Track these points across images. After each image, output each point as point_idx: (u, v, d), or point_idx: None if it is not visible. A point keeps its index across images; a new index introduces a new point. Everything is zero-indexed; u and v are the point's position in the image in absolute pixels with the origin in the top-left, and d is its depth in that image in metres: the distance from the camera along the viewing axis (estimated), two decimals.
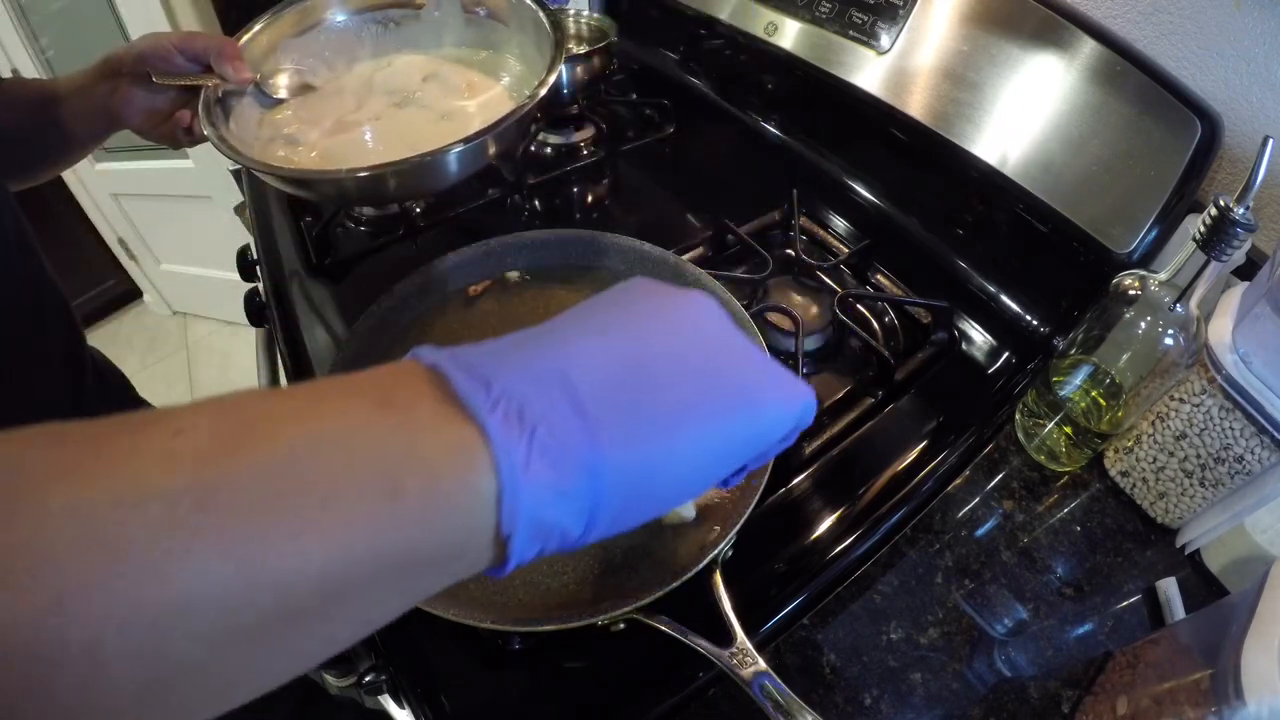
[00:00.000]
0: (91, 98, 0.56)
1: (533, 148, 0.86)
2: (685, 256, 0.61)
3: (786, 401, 0.25)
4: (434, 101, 0.60)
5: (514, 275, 0.62)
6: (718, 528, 0.45)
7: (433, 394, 0.19)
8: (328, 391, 0.19)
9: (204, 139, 0.52)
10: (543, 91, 0.51)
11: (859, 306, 0.66)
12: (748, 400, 0.24)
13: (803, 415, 0.27)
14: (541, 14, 0.59)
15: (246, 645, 0.16)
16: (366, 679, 0.49)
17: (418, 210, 0.77)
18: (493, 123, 0.49)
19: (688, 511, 0.45)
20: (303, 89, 0.61)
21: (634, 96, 0.96)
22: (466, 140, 0.48)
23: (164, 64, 0.53)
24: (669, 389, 0.22)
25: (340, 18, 0.65)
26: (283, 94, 0.60)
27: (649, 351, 0.23)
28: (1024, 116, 0.62)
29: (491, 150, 0.53)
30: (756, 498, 0.43)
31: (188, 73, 0.54)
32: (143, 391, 0.75)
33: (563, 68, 0.81)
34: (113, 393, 0.66)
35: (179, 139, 0.56)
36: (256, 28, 0.61)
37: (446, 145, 0.48)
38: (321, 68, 0.63)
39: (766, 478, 0.44)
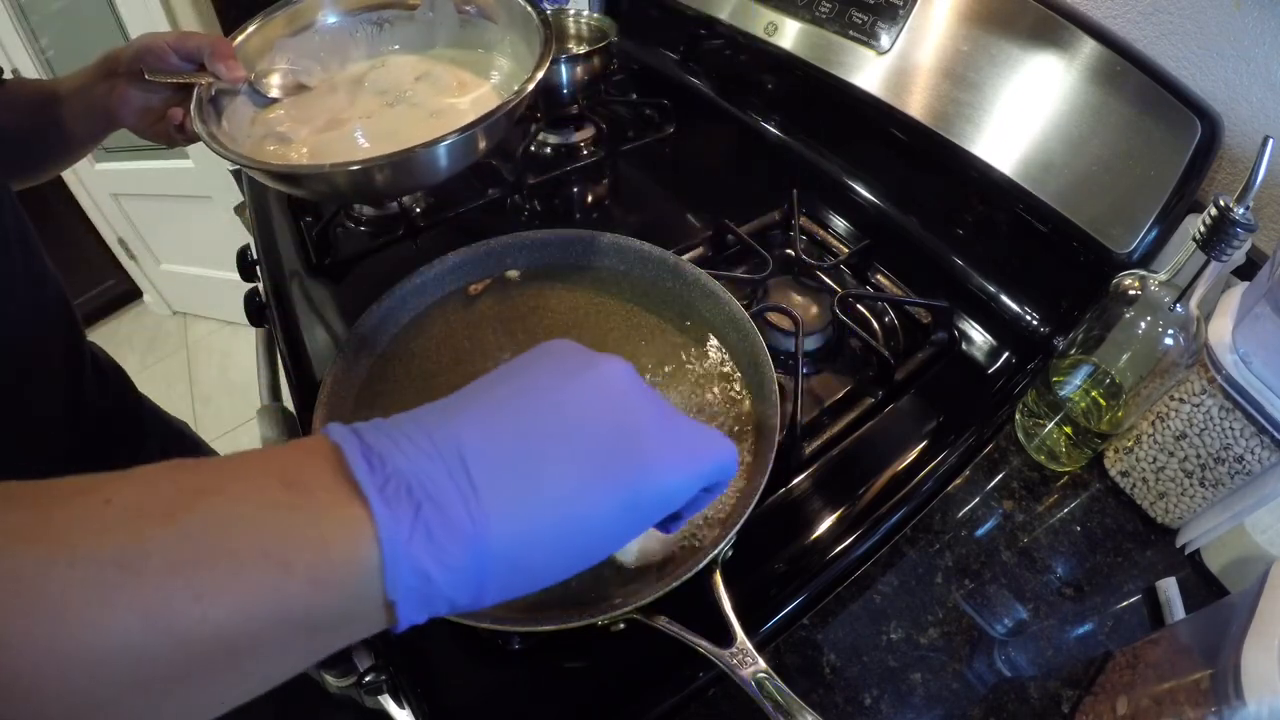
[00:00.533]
0: (90, 97, 0.56)
1: (533, 148, 0.86)
2: (685, 256, 0.61)
3: (691, 463, 0.27)
4: (425, 100, 0.60)
5: (514, 274, 0.62)
6: (718, 528, 0.45)
7: (332, 473, 0.21)
8: (244, 469, 0.21)
9: (196, 137, 0.52)
10: (530, 87, 0.52)
11: (859, 306, 0.66)
12: (645, 470, 0.25)
13: (719, 471, 0.28)
14: (530, 9, 0.59)
15: (156, 690, 0.18)
16: (366, 679, 0.49)
17: (418, 210, 0.77)
18: (479, 117, 0.49)
19: (626, 557, 0.44)
20: (296, 88, 0.61)
21: (634, 96, 0.96)
22: (452, 134, 0.48)
23: (159, 62, 0.54)
24: (562, 463, 0.23)
25: (334, 18, 0.65)
26: (275, 93, 0.60)
27: (547, 424, 0.24)
28: (1024, 116, 0.62)
29: (481, 144, 0.53)
30: (756, 498, 0.43)
31: (181, 71, 0.54)
32: (143, 391, 0.75)
33: (563, 67, 0.82)
34: (111, 388, 0.66)
35: (173, 137, 0.57)
36: (251, 28, 0.61)
37: (433, 139, 0.48)
38: (316, 67, 0.63)
39: (766, 478, 0.44)
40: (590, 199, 0.83)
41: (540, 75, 0.53)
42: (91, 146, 0.63)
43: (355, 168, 0.47)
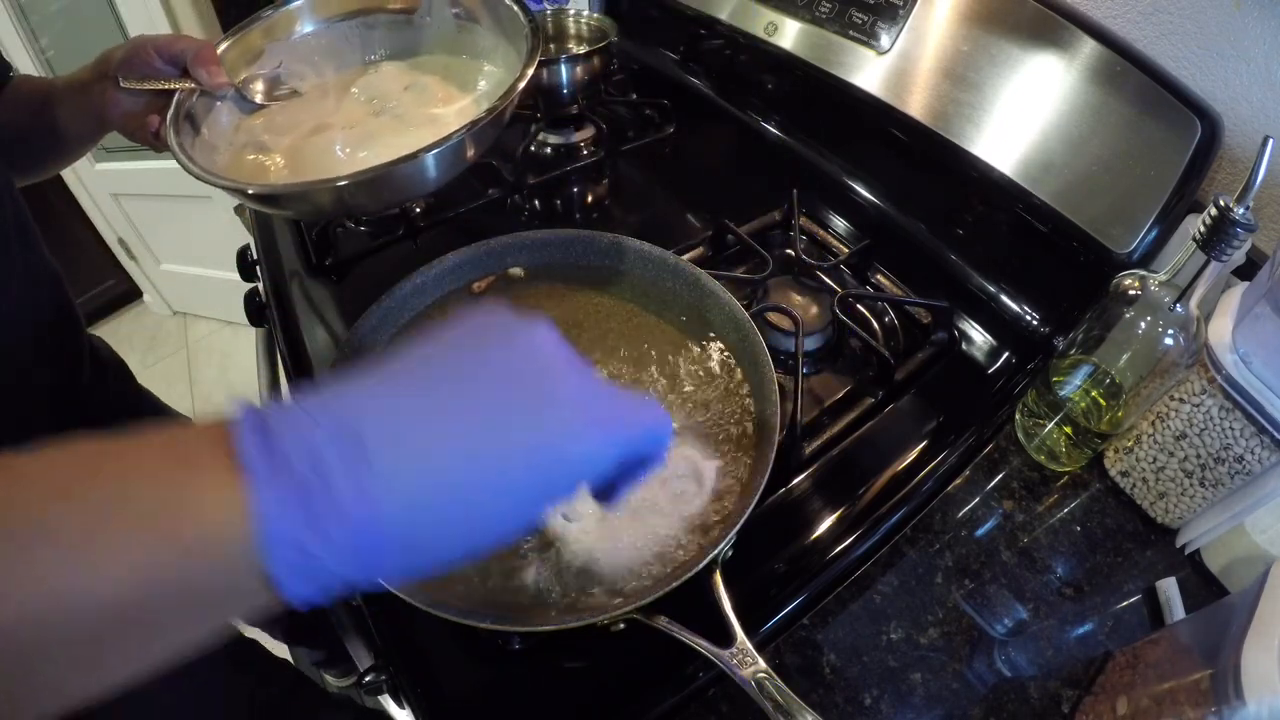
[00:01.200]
0: (85, 97, 0.56)
1: (533, 148, 0.86)
2: (685, 256, 0.61)
3: (601, 430, 0.26)
4: (410, 111, 0.59)
5: (518, 272, 0.62)
6: (718, 528, 0.45)
7: (224, 451, 0.21)
8: (144, 448, 0.22)
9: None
10: (505, 103, 0.50)
11: (859, 306, 0.66)
12: (543, 434, 0.24)
13: (648, 440, 0.28)
14: (519, 11, 0.58)
15: (56, 657, 0.19)
16: (366, 679, 0.49)
17: (418, 210, 0.77)
18: (447, 135, 0.48)
19: (556, 522, 0.44)
20: (285, 94, 0.60)
21: (634, 96, 0.96)
22: (423, 150, 0.47)
23: (143, 67, 0.53)
24: (457, 431, 0.23)
25: (327, 23, 0.64)
26: (261, 99, 0.59)
27: (450, 392, 0.24)
28: (1024, 116, 0.62)
29: (468, 153, 0.52)
30: (756, 498, 0.43)
31: (163, 76, 0.54)
32: None
33: (563, 67, 0.81)
34: (112, 380, 0.66)
35: (154, 143, 0.56)
36: (240, 31, 0.60)
37: (405, 155, 0.47)
38: (308, 72, 0.62)
39: (766, 478, 0.44)
40: (590, 199, 0.83)
41: (522, 85, 0.52)
42: (89, 146, 0.63)
43: (322, 187, 0.47)
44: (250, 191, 0.48)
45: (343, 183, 0.46)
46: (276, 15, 0.62)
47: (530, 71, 0.53)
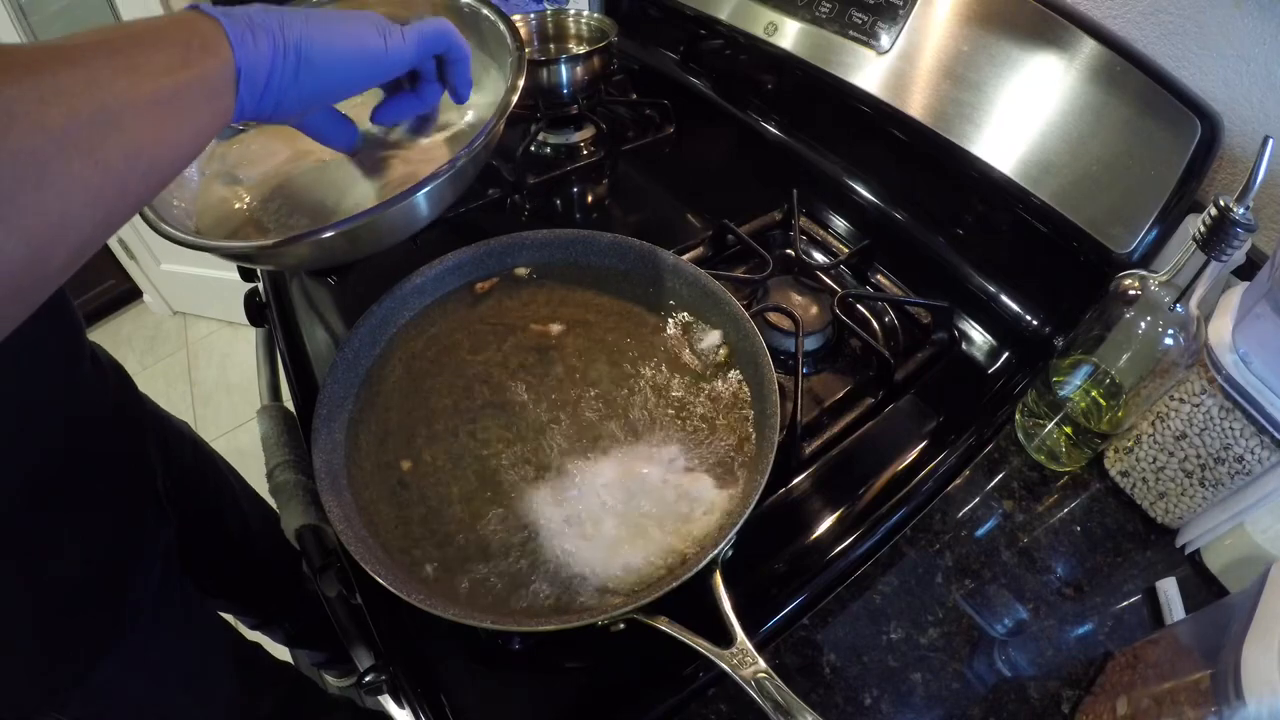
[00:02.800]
0: None
1: (533, 148, 0.86)
2: (685, 256, 0.61)
3: (396, 32, 0.43)
4: (392, 144, 0.55)
5: (523, 271, 0.61)
6: (718, 528, 0.45)
7: (206, 19, 0.35)
8: (159, 30, 0.33)
9: None
10: (482, 138, 0.48)
11: (859, 306, 0.66)
12: (367, 26, 0.42)
13: (436, 38, 0.45)
14: (503, 27, 0.55)
15: (101, 128, 0.28)
16: (366, 679, 0.49)
17: None
18: (427, 176, 0.45)
19: (556, 527, 0.46)
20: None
21: (634, 96, 0.96)
22: (402, 195, 0.45)
23: None
24: (331, 27, 0.40)
25: None
26: (239, 124, 0.55)
27: (331, 17, 0.40)
28: (1024, 116, 0.62)
29: (450, 194, 0.50)
30: (756, 498, 0.43)
31: None
32: (143, 391, 0.75)
33: (563, 67, 0.81)
34: (112, 386, 0.66)
35: None
36: None
37: (382, 203, 0.44)
38: None
39: (766, 477, 0.44)
40: (590, 199, 0.83)
41: (504, 117, 0.49)
42: None
43: (273, 242, 0.44)
44: (223, 251, 0.46)
45: (327, 234, 0.44)
46: None
47: (514, 99, 0.50)
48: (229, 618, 0.90)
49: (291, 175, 0.53)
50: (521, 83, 0.51)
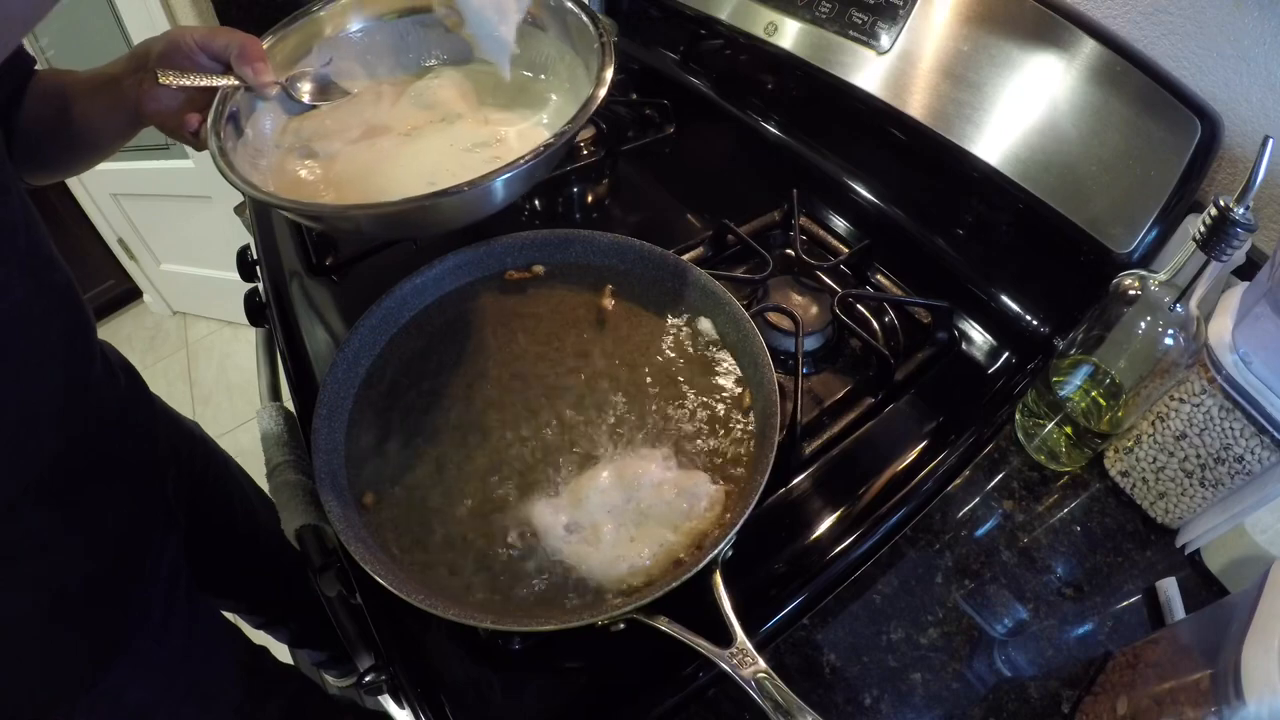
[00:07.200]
0: (118, 91, 0.53)
1: None
2: (685, 256, 0.61)
3: None
4: (468, 129, 0.55)
5: (539, 269, 0.62)
6: (718, 528, 0.45)
7: None
8: None
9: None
10: (574, 127, 0.48)
11: (859, 306, 0.66)
12: None
13: None
14: (589, 23, 0.54)
15: None
16: (367, 679, 0.49)
17: None
18: (508, 162, 0.45)
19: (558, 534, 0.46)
20: (335, 94, 0.56)
21: (634, 96, 0.96)
22: (484, 178, 0.44)
23: (184, 61, 0.50)
24: None
25: (379, 20, 0.59)
26: (308, 99, 0.55)
27: None
28: (1024, 117, 0.62)
29: (524, 185, 0.50)
30: (756, 498, 0.43)
31: (206, 71, 0.50)
32: None
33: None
34: (123, 385, 0.66)
35: (193, 141, 0.53)
36: (286, 27, 0.56)
37: (468, 181, 0.44)
38: (359, 72, 0.58)
39: (766, 477, 0.44)
40: (590, 199, 0.83)
41: (592, 109, 0.48)
42: (120, 142, 0.59)
43: (373, 212, 0.44)
44: (308, 212, 0.46)
45: (406, 205, 0.43)
46: (324, 10, 0.57)
47: (602, 93, 0.49)
48: (234, 618, 0.89)
49: (362, 150, 0.53)
50: (610, 74, 0.50)
